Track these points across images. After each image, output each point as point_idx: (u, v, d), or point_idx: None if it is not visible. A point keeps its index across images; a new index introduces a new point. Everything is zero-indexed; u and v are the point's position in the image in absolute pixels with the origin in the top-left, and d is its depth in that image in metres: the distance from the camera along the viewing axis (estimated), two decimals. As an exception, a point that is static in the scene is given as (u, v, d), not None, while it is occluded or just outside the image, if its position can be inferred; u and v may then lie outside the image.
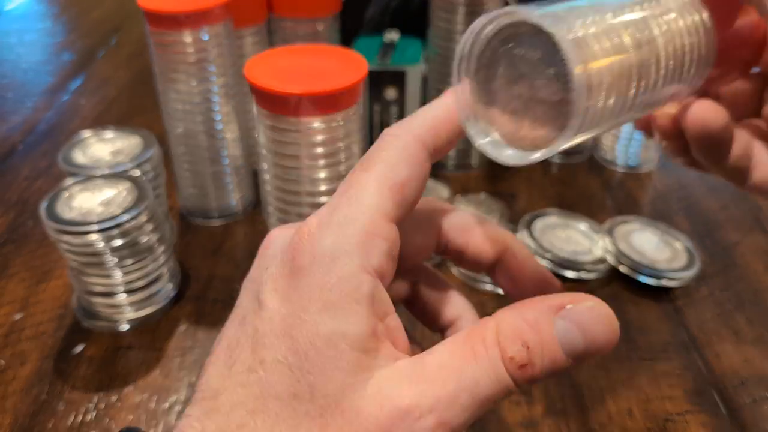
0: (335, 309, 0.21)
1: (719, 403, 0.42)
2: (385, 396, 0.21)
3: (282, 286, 0.22)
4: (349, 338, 0.21)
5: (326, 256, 0.22)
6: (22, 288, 0.50)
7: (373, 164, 0.23)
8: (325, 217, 0.23)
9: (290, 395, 0.21)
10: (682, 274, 0.50)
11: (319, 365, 0.21)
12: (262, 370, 0.21)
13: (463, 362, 0.21)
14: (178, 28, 0.48)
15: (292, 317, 0.21)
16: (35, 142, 0.68)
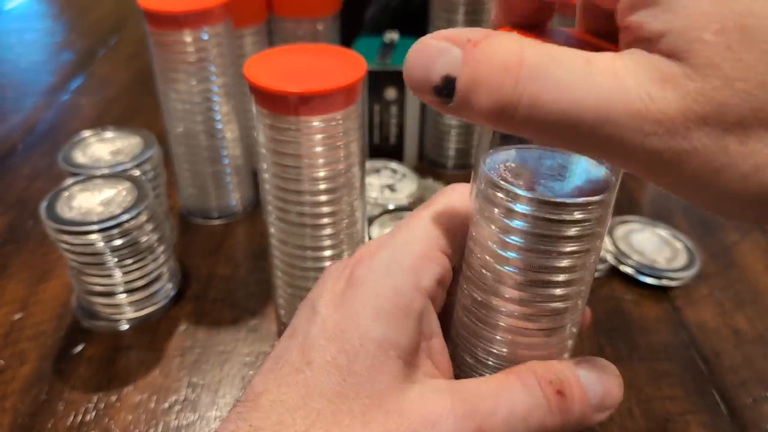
0: (387, 318, 0.22)
1: (720, 402, 0.42)
2: (426, 400, 0.22)
3: (337, 295, 0.23)
4: (397, 348, 0.22)
5: (382, 270, 0.23)
6: (22, 288, 0.50)
7: (434, 204, 0.25)
8: (384, 239, 0.24)
9: (335, 394, 0.21)
10: (682, 273, 0.50)
11: (368, 367, 0.22)
12: (309, 370, 0.22)
13: (501, 385, 0.23)
14: (178, 28, 0.48)
15: (345, 321, 0.22)
16: (35, 142, 0.68)
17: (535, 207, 0.21)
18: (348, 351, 0.22)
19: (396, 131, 0.62)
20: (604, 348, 0.45)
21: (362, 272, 0.23)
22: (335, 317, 0.23)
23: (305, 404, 0.21)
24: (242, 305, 0.48)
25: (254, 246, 0.54)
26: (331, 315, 0.23)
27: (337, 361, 0.22)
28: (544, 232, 0.21)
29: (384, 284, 0.23)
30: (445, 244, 0.24)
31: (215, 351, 0.45)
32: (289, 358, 0.23)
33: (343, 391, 0.21)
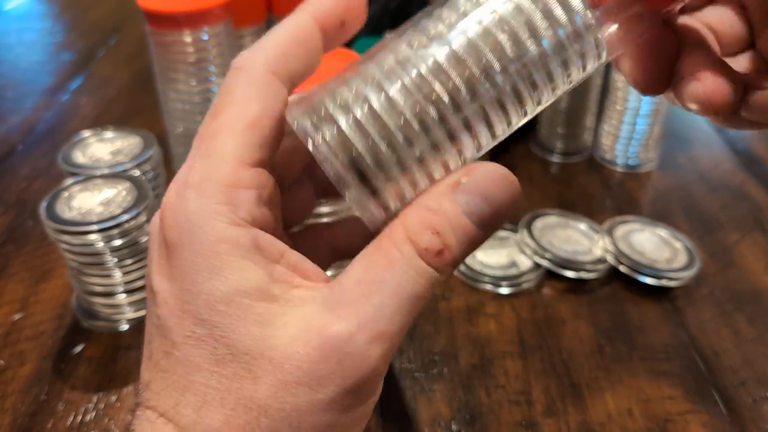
0: (221, 271, 0.20)
1: (719, 402, 0.42)
2: (308, 331, 0.20)
3: (163, 267, 0.22)
4: (249, 293, 0.20)
5: (192, 225, 0.21)
6: (22, 288, 0.50)
7: (222, 109, 0.22)
8: (181, 182, 0.21)
9: (211, 363, 0.20)
10: (682, 273, 0.50)
11: (229, 327, 0.20)
12: (176, 350, 0.21)
13: (381, 270, 0.20)
14: (178, 28, 0.48)
15: (184, 293, 0.21)
16: (35, 142, 0.68)
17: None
18: (202, 320, 0.20)
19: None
20: (604, 348, 0.45)
21: (174, 234, 0.21)
22: (172, 291, 0.21)
23: (191, 382, 0.20)
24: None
25: (254, 246, 0.54)
26: (167, 290, 0.21)
27: (196, 333, 0.20)
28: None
29: (200, 240, 0.20)
30: (251, 153, 0.21)
31: (215, 351, 0.45)
32: (155, 345, 0.22)
33: (218, 359, 0.20)
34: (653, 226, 0.55)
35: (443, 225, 0.20)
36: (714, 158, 0.68)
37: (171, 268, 0.21)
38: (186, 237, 0.21)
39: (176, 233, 0.21)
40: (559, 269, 0.51)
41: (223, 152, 0.21)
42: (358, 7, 0.24)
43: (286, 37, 0.23)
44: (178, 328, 0.21)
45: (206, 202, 0.21)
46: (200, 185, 0.21)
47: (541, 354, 0.45)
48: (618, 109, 0.64)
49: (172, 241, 0.21)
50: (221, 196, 0.21)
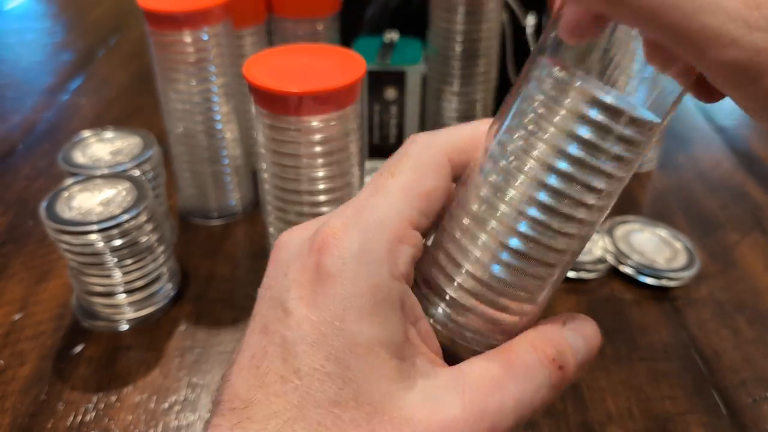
0: (371, 317, 0.21)
1: (719, 403, 0.42)
2: (433, 403, 0.21)
3: (308, 292, 0.21)
4: (388, 346, 0.21)
5: (354, 261, 0.21)
6: (22, 288, 0.50)
7: (401, 170, 0.23)
8: (350, 219, 0.22)
9: (332, 403, 0.20)
10: (682, 274, 0.50)
11: (362, 373, 0.20)
12: (297, 379, 0.20)
13: (505, 372, 0.22)
14: (177, 28, 0.48)
15: (326, 325, 0.21)
16: (35, 142, 0.68)
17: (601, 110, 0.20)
18: (337, 358, 0.20)
19: (396, 131, 0.62)
20: (604, 348, 0.45)
21: (332, 264, 0.21)
22: (311, 319, 0.21)
23: (304, 415, 0.20)
24: (242, 305, 0.48)
25: (254, 246, 0.54)
26: (305, 316, 0.21)
27: (326, 369, 0.20)
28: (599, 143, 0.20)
29: (359, 277, 0.21)
30: (418, 217, 0.23)
31: (215, 351, 0.45)
32: (271, 365, 0.21)
33: (340, 401, 0.20)
34: (653, 226, 0.55)
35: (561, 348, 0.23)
36: (714, 158, 0.68)
37: (317, 294, 0.21)
38: (347, 273, 0.21)
39: (336, 264, 0.21)
40: (559, 269, 0.51)
41: (397, 208, 0.22)
42: None
43: (464, 133, 0.24)
44: (307, 358, 0.21)
45: (375, 247, 0.21)
46: (371, 229, 0.22)
47: (541, 354, 0.45)
48: (618, 109, 0.64)
49: (330, 271, 0.21)
50: (388, 246, 0.21)
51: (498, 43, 0.60)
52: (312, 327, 0.21)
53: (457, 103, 0.61)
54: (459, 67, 0.59)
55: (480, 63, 0.59)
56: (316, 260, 0.22)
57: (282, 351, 0.21)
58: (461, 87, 0.60)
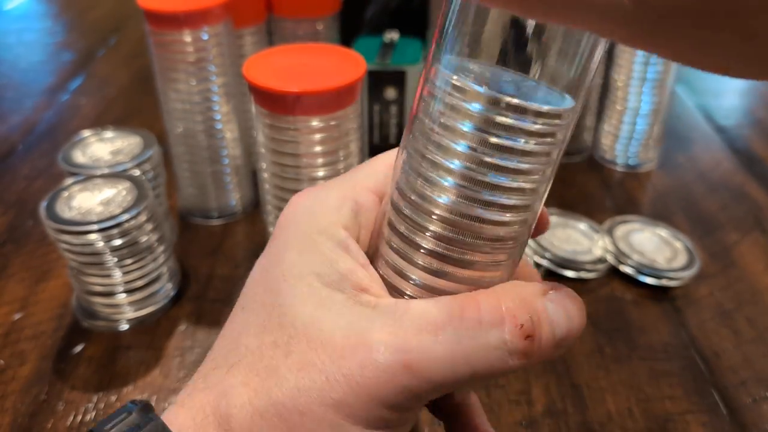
0: (310, 251, 0.22)
1: (719, 402, 0.42)
2: (354, 330, 0.20)
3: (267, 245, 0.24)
4: (323, 276, 0.22)
5: (305, 211, 0.23)
6: (22, 288, 0.50)
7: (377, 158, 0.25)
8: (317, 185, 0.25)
9: (260, 328, 0.22)
10: (682, 273, 0.50)
11: (290, 299, 0.22)
12: (242, 313, 0.23)
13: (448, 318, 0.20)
14: (177, 27, 0.48)
15: (269, 262, 0.23)
16: (35, 142, 0.68)
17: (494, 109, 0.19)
18: (272, 288, 0.22)
19: (396, 131, 0.62)
20: (604, 348, 0.45)
21: (286, 216, 0.24)
22: (261, 262, 0.23)
23: (236, 344, 0.22)
24: (242, 305, 0.48)
25: (254, 246, 0.54)
26: (259, 263, 0.24)
27: (263, 299, 0.22)
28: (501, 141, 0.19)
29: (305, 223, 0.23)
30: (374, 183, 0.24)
31: (215, 351, 0.45)
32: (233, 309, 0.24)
33: (267, 326, 0.22)
34: (653, 225, 0.55)
35: (537, 316, 0.20)
36: (714, 158, 0.68)
37: (269, 246, 0.24)
38: (297, 220, 0.23)
39: (291, 216, 0.24)
40: (558, 269, 0.51)
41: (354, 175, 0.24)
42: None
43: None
44: (250, 293, 0.23)
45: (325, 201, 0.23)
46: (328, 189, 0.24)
47: (541, 354, 0.45)
48: (618, 108, 0.64)
49: (284, 222, 0.24)
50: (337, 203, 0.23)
51: (498, 42, 0.60)
52: (260, 269, 0.23)
53: (457, 102, 0.61)
54: (459, 66, 0.59)
55: (480, 63, 0.59)
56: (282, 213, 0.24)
57: (242, 293, 0.24)
58: (461, 87, 0.60)
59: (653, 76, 0.60)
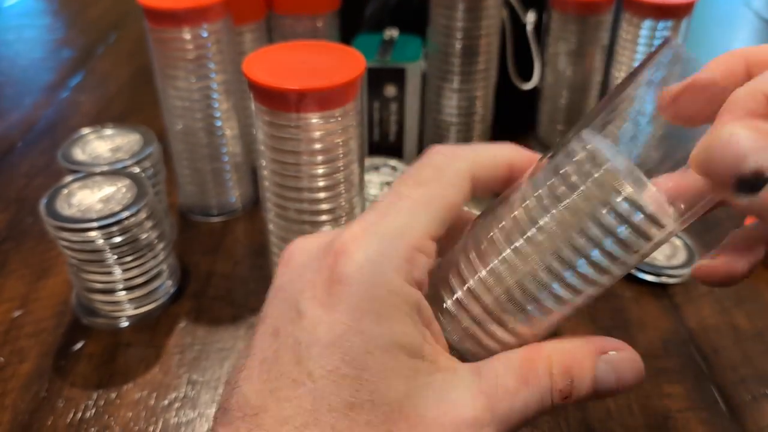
0: (389, 319, 0.21)
1: (719, 400, 0.42)
2: (448, 403, 0.21)
3: (323, 293, 0.21)
4: (406, 347, 0.21)
5: (375, 268, 0.21)
6: (22, 285, 0.50)
7: (425, 180, 0.23)
8: (371, 224, 0.22)
9: (347, 406, 0.20)
10: (682, 270, 0.50)
11: (379, 374, 0.20)
12: (310, 382, 0.20)
13: (519, 385, 0.22)
14: (177, 24, 0.48)
15: (341, 327, 0.20)
16: (34, 139, 0.68)
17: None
18: (353, 359, 0.20)
19: (395, 129, 0.62)
20: (604, 345, 0.45)
21: (349, 266, 0.21)
22: (327, 321, 0.21)
23: (316, 420, 0.20)
24: (242, 302, 0.48)
25: (254, 243, 0.54)
26: (320, 317, 0.21)
27: (341, 371, 0.20)
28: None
29: (376, 282, 0.21)
30: (436, 229, 0.23)
31: (215, 348, 0.45)
32: (282, 369, 0.21)
33: (356, 403, 0.20)
34: (653, 223, 0.55)
35: (579, 379, 0.23)
36: (714, 155, 0.67)
37: (331, 296, 0.21)
38: (365, 277, 0.21)
39: (354, 268, 0.21)
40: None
41: (418, 219, 0.23)
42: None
43: (492, 154, 0.25)
44: (321, 360, 0.20)
45: (394, 254, 0.22)
46: (393, 237, 0.22)
47: (541, 351, 0.45)
48: (618, 106, 0.64)
49: (347, 275, 0.21)
50: (407, 254, 0.22)
51: (498, 40, 0.60)
52: (327, 328, 0.21)
53: (457, 100, 0.61)
54: (459, 64, 0.59)
55: (480, 60, 0.59)
56: (332, 262, 0.22)
57: (295, 354, 0.21)
58: (461, 84, 0.60)
59: (653, 73, 0.60)
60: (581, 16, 0.60)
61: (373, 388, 0.20)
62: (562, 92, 0.65)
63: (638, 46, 0.58)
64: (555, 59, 0.64)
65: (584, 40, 0.61)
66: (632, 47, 0.59)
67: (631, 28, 0.58)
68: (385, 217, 0.22)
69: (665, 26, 0.56)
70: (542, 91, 0.67)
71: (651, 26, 0.57)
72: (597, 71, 0.64)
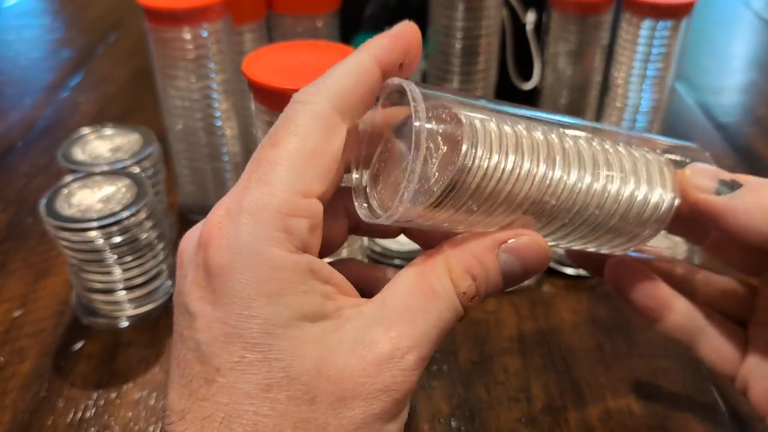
0: (281, 296, 0.20)
1: (718, 400, 0.42)
2: (363, 346, 0.21)
3: (207, 291, 0.21)
4: (308, 315, 0.21)
5: (248, 250, 0.20)
6: (22, 285, 0.50)
7: (282, 138, 0.22)
8: (234, 204, 0.21)
9: (263, 389, 0.20)
10: (682, 270, 0.50)
11: (287, 350, 0.20)
12: (220, 377, 0.20)
13: (426, 300, 0.22)
14: (177, 24, 0.48)
15: (234, 318, 0.20)
16: (34, 139, 0.68)
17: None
18: (256, 344, 0.20)
19: (395, 128, 0.62)
20: (603, 345, 0.45)
21: (220, 257, 0.20)
22: (217, 316, 0.20)
23: (236, 411, 0.20)
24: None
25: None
26: (210, 314, 0.20)
27: (247, 359, 0.20)
28: None
29: (255, 264, 0.20)
30: (309, 185, 0.21)
31: (215, 348, 0.45)
32: (192, 371, 0.21)
33: (272, 383, 0.20)
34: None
35: (481, 275, 0.23)
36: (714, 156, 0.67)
37: (215, 291, 0.20)
38: (240, 262, 0.20)
39: (227, 257, 0.20)
40: (558, 266, 0.51)
41: (280, 180, 0.21)
42: (416, 49, 0.24)
43: (347, 75, 0.23)
44: (223, 354, 0.20)
45: (263, 228, 0.20)
46: (257, 211, 0.21)
47: (541, 351, 0.45)
48: (617, 106, 0.64)
49: (221, 264, 0.20)
50: (278, 224, 0.21)
51: (498, 40, 0.60)
52: (220, 324, 0.20)
53: (457, 100, 0.61)
54: (459, 64, 0.59)
55: (480, 60, 0.59)
56: (203, 256, 0.21)
57: (199, 355, 0.21)
58: (461, 84, 0.60)
59: (653, 73, 0.60)
60: (581, 16, 0.60)
61: (284, 364, 0.20)
62: (562, 92, 0.65)
63: (638, 46, 0.58)
64: (555, 59, 0.64)
65: (584, 40, 0.61)
66: (632, 47, 0.59)
67: (630, 28, 0.58)
68: (247, 191, 0.21)
69: (665, 26, 0.56)
70: (542, 91, 0.67)
71: (651, 26, 0.57)
72: (597, 71, 0.64)
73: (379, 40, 0.24)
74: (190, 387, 0.21)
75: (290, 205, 0.21)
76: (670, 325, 0.31)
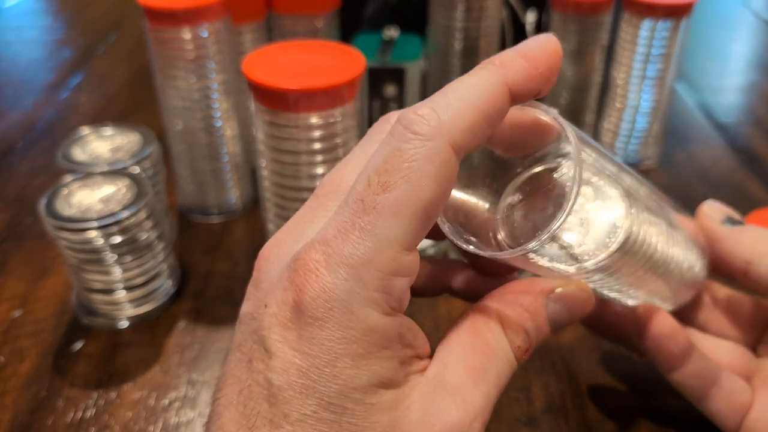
0: (366, 360, 0.20)
1: (718, 399, 0.42)
2: (431, 415, 0.21)
3: (293, 335, 0.20)
4: (385, 382, 0.20)
5: (345, 307, 0.19)
6: (21, 285, 0.50)
7: (394, 181, 0.19)
8: (334, 252, 0.20)
9: None
10: (682, 271, 0.50)
11: (360, 414, 0.20)
12: (287, 424, 0.20)
13: (485, 359, 0.23)
14: (177, 24, 0.48)
15: (315, 372, 0.20)
16: (34, 140, 0.68)
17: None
18: (331, 404, 0.20)
19: (395, 128, 0.62)
20: (603, 345, 0.45)
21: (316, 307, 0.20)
22: (298, 365, 0.20)
23: None
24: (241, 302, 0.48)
25: (253, 243, 0.54)
26: (291, 361, 0.20)
27: (319, 415, 0.19)
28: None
29: (349, 322, 0.19)
30: (413, 239, 0.20)
31: (215, 348, 0.45)
32: (257, 407, 0.20)
33: None
34: (653, 223, 0.55)
35: (533, 330, 0.24)
36: (714, 156, 0.68)
37: (303, 339, 0.20)
38: (336, 317, 0.19)
39: (323, 309, 0.19)
40: (558, 266, 0.51)
41: (387, 236, 0.19)
42: (555, 74, 0.22)
43: (473, 108, 0.20)
44: (297, 404, 0.20)
45: (362, 287, 0.19)
46: (359, 266, 0.19)
47: (541, 351, 0.45)
48: (618, 106, 0.64)
49: (316, 316, 0.20)
50: (378, 284, 0.19)
51: (498, 40, 0.60)
52: (300, 373, 0.20)
53: (457, 100, 0.61)
54: (459, 63, 0.59)
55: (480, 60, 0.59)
56: (296, 299, 0.20)
57: (267, 394, 0.20)
58: (461, 84, 0.60)
59: (653, 73, 0.60)
60: (581, 16, 0.60)
61: (355, 429, 0.20)
62: (562, 92, 0.65)
63: (638, 46, 0.58)
64: (555, 59, 0.64)
65: (584, 40, 0.61)
66: (632, 47, 0.59)
67: (630, 28, 0.58)
68: (349, 238, 0.19)
69: (665, 26, 0.56)
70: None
71: (651, 26, 0.57)
72: (597, 71, 0.64)
73: (515, 62, 0.21)
74: (253, 423, 0.20)
75: (394, 264, 0.20)
76: (689, 371, 0.32)
